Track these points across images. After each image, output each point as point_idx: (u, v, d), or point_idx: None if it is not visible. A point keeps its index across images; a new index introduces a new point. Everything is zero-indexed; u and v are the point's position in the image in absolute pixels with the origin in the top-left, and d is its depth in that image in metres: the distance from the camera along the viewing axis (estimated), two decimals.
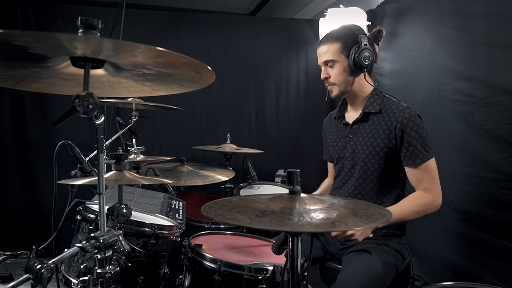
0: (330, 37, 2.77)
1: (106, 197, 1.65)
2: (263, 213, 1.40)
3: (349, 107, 2.95)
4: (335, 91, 2.82)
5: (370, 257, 2.54)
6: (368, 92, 2.81)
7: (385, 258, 2.56)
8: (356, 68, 2.71)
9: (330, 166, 3.33)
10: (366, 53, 2.66)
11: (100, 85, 1.82)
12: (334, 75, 2.76)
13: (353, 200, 1.83)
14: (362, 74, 2.75)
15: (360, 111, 2.80)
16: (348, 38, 2.72)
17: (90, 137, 4.55)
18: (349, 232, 2.42)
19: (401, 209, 2.59)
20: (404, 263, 2.74)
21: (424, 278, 4.09)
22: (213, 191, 4.43)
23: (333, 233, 2.48)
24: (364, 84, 2.78)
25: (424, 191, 2.63)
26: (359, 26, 2.81)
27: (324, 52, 2.77)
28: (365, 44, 2.67)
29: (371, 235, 2.54)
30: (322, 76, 2.82)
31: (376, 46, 2.81)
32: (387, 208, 2.52)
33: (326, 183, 3.34)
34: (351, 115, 2.90)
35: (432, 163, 2.63)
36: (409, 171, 2.67)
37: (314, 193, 3.15)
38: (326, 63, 2.78)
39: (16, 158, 4.75)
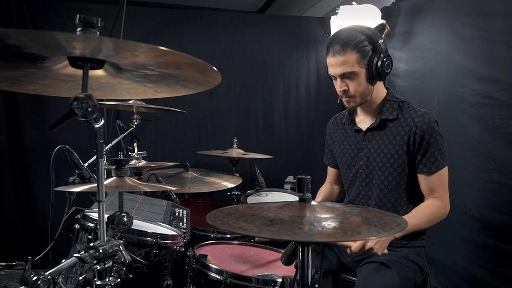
0: (346, 46, 2.59)
1: (106, 205, 1.65)
2: (272, 221, 1.39)
3: (359, 111, 2.89)
4: (353, 103, 2.73)
5: (388, 270, 2.51)
6: (382, 97, 2.77)
7: (403, 273, 2.53)
8: (378, 77, 2.63)
9: (330, 171, 3.30)
10: (388, 61, 2.58)
11: (100, 87, 1.81)
12: (353, 87, 2.65)
13: (366, 208, 1.82)
14: (380, 81, 2.71)
15: (374, 117, 2.78)
16: (366, 46, 2.59)
17: (89, 141, 4.54)
18: (368, 246, 2.36)
19: (416, 218, 2.57)
20: (422, 276, 2.72)
21: None
22: (219, 199, 4.43)
23: (352, 248, 2.42)
24: (380, 90, 2.75)
25: (435, 199, 2.64)
26: (372, 29, 2.69)
27: (341, 64, 2.61)
28: (386, 51, 2.60)
29: (386, 252, 2.47)
30: (340, 88, 2.68)
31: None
32: (404, 216, 2.52)
33: (325, 190, 3.28)
34: (363, 121, 2.86)
35: (445, 171, 2.64)
36: (422, 179, 2.66)
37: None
38: (344, 75, 2.64)
39: (11, 163, 4.75)
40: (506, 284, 3.37)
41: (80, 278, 1.75)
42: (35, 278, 1.41)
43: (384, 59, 2.57)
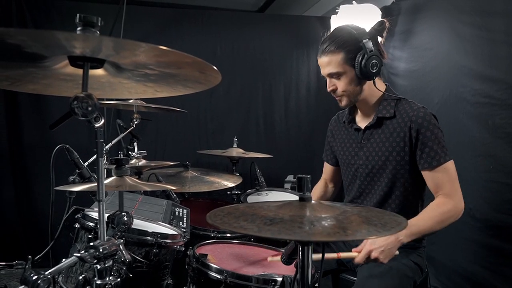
0: (331, 47, 2.64)
1: (106, 204, 1.65)
2: (272, 221, 1.39)
3: (358, 110, 2.91)
4: (344, 102, 2.77)
5: (387, 269, 2.50)
6: (378, 95, 2.77)
7: (403, 271, 2.53)
8: (364, 77, 2.63)
9: (327, 167, 3.30)
10: (374, 60, 2.57)
11: (100, 86, 1.81)
12: (341, 86, 2.70)
13: (366, 207, 1.82)
14: (371, 81, 2.69)
15: (372, 116, 2.78)
16: (350, 46, 2.61)
17: (89, 141, 4.54)
18: (373, 256, 2.33)
19: (423, 220, 2.53)
20: (422, 276, 2.71)
21: None
22: (219, 198, 4.43)
23: (356, 259, 2.41)
24: (374, 89, 2.72)
25: (444, 196, 2.57)
26: (359, 28, 2.70)
27: (327, 64, 2.68)
28: (370, 51, 2.57)
29: (397, 253, 2.43)
30: (329, 88, 2.75)
31: (381, 39, 2.73)
32: (410, 220, 2.46)
33: (319, 189, 3.30)
34: (363, 120, 2.88)
35: (450, 165, 2.58)
36: (426, 175, 2.61)
37: None
38: (330, 75, 2.71)
39: (11, 163, 4.75)
40: (507, 283, 3.37)
41: (80, 277, 1.75)
42: (35, 277, 1.41)
43: (369, 59, 2.57)
